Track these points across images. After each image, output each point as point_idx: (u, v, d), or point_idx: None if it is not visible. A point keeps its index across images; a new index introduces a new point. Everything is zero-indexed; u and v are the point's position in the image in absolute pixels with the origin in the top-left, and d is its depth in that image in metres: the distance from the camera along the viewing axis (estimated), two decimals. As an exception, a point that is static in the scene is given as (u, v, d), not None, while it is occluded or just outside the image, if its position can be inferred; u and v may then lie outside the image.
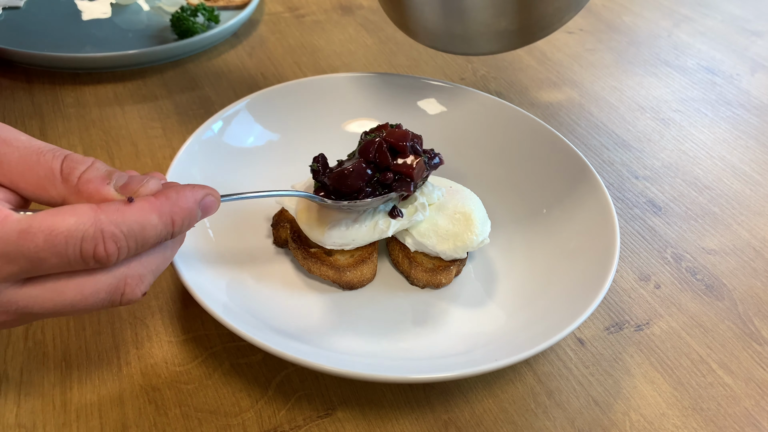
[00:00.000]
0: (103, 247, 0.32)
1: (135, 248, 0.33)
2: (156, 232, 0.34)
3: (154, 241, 0.34)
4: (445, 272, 0.51)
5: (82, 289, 0.33)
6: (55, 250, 0.31)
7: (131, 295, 0.34)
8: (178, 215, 0.35)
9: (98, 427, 0.43)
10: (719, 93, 0.82)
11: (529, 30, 0.59)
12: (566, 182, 0.57)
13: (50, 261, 0.31)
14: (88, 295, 0.33)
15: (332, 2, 0.96)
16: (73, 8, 0.86)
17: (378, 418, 0.45)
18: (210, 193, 0.37)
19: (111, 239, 0.32)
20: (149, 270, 0.35)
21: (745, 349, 0.51)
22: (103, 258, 0.32)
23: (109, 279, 0.33)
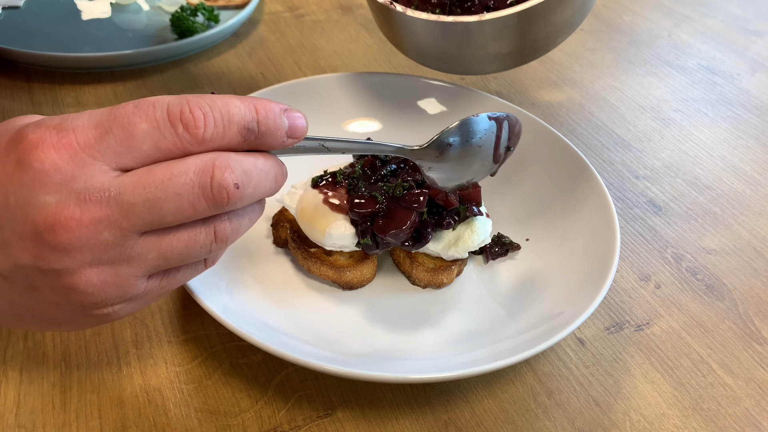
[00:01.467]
0: (189, 110, 0.32)
1: (221, 122, 0.33)
2: (240, 111, 0.33)
3: (239, 121, 0.33)
4: (446, 272, 0.51)
5: (170, 168, 0.32)
6: (144, 113, 0.31)
7: (221, 178, 0.32)
8: (261, 106, 0.34)
9: (98, 427, 0.43)
10: (719, 93, 0.82)
11: (522, 53, 0.59)
12: (566, 182, 0.57)
13: (140, 126, 0.31)
14: (176, 173, 0.32)
15: (332, 2, 0.96)
16: (73, 8, 0.86)
17: (378, 418, 0.44)
18: (295, 110, 0.37)
19: (196, 105, 0.32)
20: (239, 164, 0.34)
21: (745, 349, 0.51)
22: (190, 121, 0.32)
23: (198, 160, 0.33)
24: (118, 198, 0.31)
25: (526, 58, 0.61)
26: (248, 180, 0.34)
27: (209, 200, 0.33)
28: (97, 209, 0.31)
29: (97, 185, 0.31)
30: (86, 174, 0.31)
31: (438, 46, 0.59)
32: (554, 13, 0.54)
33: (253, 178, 0.34)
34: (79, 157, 0.31)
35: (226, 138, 0.33)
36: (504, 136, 0.46)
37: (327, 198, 0.51)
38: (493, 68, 0.62)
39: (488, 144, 0.45)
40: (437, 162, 0.44)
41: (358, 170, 0.53)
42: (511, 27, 0.55)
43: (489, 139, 0.45)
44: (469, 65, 0.61)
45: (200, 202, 0.32)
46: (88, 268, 0.32)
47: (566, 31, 0.59)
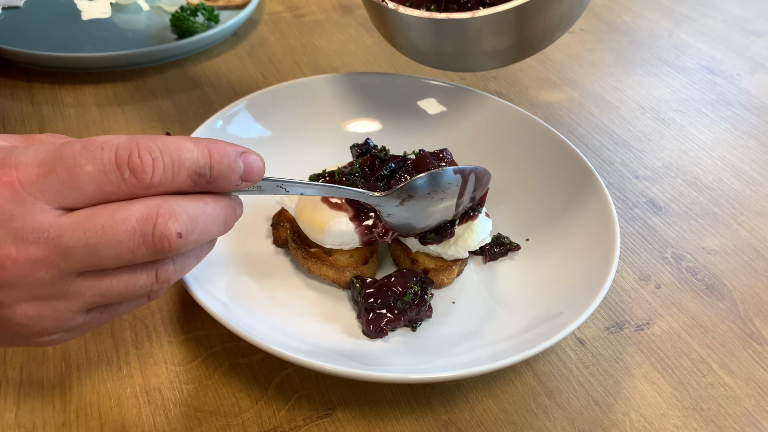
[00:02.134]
0: (137, 154, 0.31)
1: (170, 167, 0.32)
2: (192, 156, 0.33)
3: (190, 166, 0.33)
4: (446, 272, 0.51)
5: (113, 214, 0.31)
6: (91, 155, 0.31)
7: (164, 227, 0.32)
8: (215, 150, 0.34)
9: (98, 427, 0.43)
10: (719, 93, 0.82)
11: (520, 48, 0.59)
12: (566, 182, 0.57)
13: (86, 168, 0.31)
14: (118, 220, 0.31)
15: (332, 2, 0.96)
16: (73, 8, 0.86)
17: (378, 418, 0.44)
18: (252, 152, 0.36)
19: (146, 149, 0.31)
20: (185, 210, 0.33)
21: (745, 349, 0.51)
22: (138, 166, 0.31)
23: (141, 207, 0.32)
24: (56, 240, 0.31)
25: (524, 53, 0.60)
26: (193, 227, 0.33)
27: (150, 248, 0.32)
28: (33, 249, 0.31)
29: (36, 225, 0.30)
30: (25, 213, 0.30)
31: (432, 44, 0.58)
32: (551, 7, 0.54)
33: (200, 224, 0.34)
34: (19, 195, 0.30)
35: (175, 183, 0.33)
36: (469, 188, 0.49)
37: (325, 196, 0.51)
38: (490, 65, 0.62)
39: (451, 196, 0.48)
40: (398, 209, 0.47)
41: (356, 168, 0.53)
42: (507, 23, 0.54)
43: (452, 191, 0.47)
44: (466, 62, 0.61)
45: (140, 249, 0.32)
46: (24, 302, 0.32)
47: (563, 25, 0.59)
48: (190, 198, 0.34)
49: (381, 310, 0.48)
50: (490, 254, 0.54)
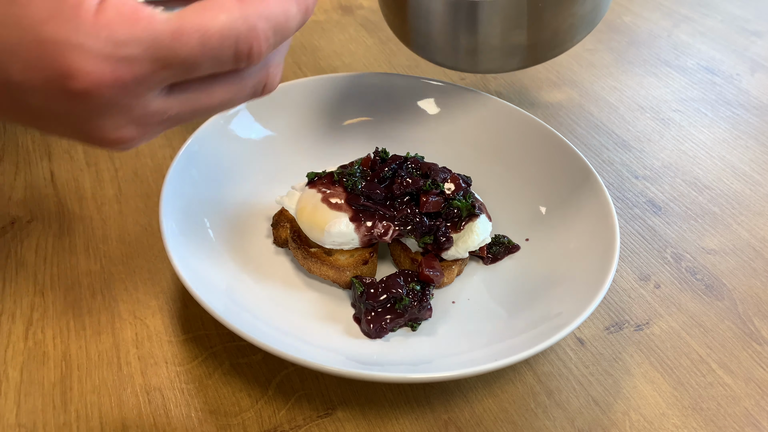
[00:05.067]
0: (258, 45, 0.31)
1: (280, 42, 0.32)
2: (296, 22, 0.33)
3: (294, 32, 0.33)
4: (446, 272, 0.51)
5: (228, 89, 0.32)
6: (211, 52, 0.30)
7: (272, 85, 0.34)
8: (312, 4, 0.34)
9: (98, 427, 0.43)
10: (719, 93, 0.82)
11: (540, 47, 0.58)
12: (566, 182, 0.57)
13: (204, 65, 0.30)
14: (235, 92, 0.32)
15: (332, 2, 0.96)
16: (73, 8, 0.86)
17: (378, 418, 0.45)
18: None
19: (264, 36, 0.31)
20: (282, 55, 0.35)
21: (745, 349, 0.51)
22: (256, 57, 0.31)
23: (255, 75, 0.33)
24: (176, 117, 0.32)
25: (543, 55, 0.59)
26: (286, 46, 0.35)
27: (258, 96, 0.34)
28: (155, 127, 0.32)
29: (153, 109, 0.31)
30: (142, 103, 0.30)
31: (447, 32, 0.57)
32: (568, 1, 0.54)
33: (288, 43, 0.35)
34: (134, 90, 0.29)
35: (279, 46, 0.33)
36: None
37: (325, 197, 0.51)
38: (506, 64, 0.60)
39: None
40: None
41: (356, 169, 0.53)
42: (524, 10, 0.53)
43: None
44: (482, 59, 0.59)
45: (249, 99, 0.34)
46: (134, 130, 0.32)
47: (586, 25, 0.58)
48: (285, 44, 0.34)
49: (381, 309, 0.48)
50: (490, 254, 0.54)
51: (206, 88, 0.32)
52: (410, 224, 0.50)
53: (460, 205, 0.51)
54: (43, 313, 0.49)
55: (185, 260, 0.45)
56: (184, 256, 0.46)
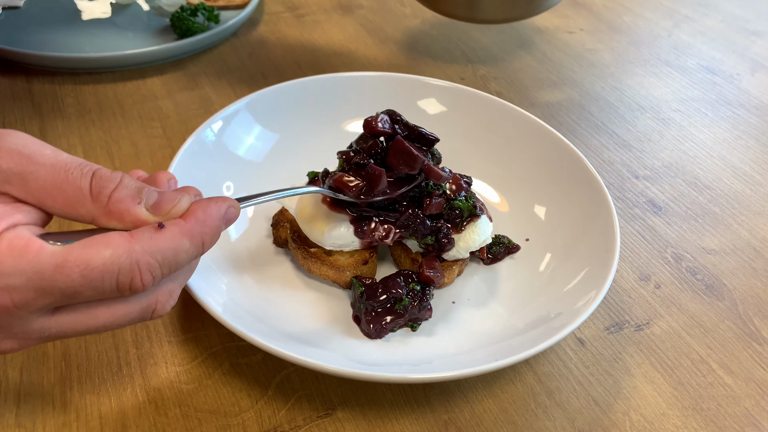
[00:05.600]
0: (139, 279, 0.32)
1: (168, 273, 0.34)
2: (188, 256, 0.34)
3: (185, 264, 0.35)
4: (447, 272, 0.51)
5: (114, 312, 0.33)
6: (91, 284, 0.31)
7: (162, 311, 0.35)
8: (207, 236, 0.35)
9: (98, 427, 0.43)
10: (719, 93, 0.82)
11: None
12: (566, 182, 0.57)
13: (85, 294, 0.31)
14: (120, 316, 0.34)
15: (332, 2, 0.96)
16: (73, 8, 0.86)
17: (378, 418, 0.44)
18: (231, 205, 0.37)
19: (147, 270, 0.32)
20: (177, 284, 0.36)
21: (745, 349, 0.51)
22: (139, 288, 0.32)
23: (142, 300, 0.34)
24: (58, 335, 0.33)
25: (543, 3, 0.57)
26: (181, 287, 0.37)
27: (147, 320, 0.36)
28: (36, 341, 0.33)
29: (35, 327, 0.32)
30: (23, 323, 0.32)
31: None
32: None
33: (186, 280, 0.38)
34: (15, 314, 0.31)
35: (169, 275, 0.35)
36: None
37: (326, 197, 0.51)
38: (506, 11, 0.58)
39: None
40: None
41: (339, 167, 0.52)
42: None
43: None
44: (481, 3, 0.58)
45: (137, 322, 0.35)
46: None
47: None
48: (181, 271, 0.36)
49: (381, 310, 0.48)
50: (491, 254, 0.54)
51: (90, 311, 0.33)
52: (412, 227, 0.50)
53: (461, 206, 0.51)
54: (43, 313, 0.49)
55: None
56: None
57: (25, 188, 0.32)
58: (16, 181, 0.32)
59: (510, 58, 0.86)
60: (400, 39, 0.88)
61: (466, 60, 0.85)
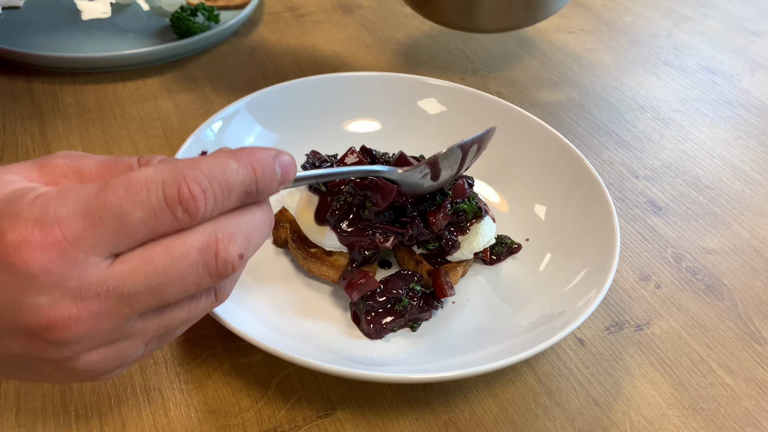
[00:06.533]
0: (187, 189, 0.29)
1: (221, 194, 0.31)
2: (239, 177, 0.31)
3: (239, 188, 0.31)
4: (451, 273, 0.51)
5: (170, 250, 0.30)
6: (137, 198, 0.29)
7: (225, 253, 0.31)
8: (258, 163, 0.32)
9: (98, 427, 0.43)
10: (719, 93, 0.82)
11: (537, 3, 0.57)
12: (566, 182, 0.57)
13: (135, 214, 0.29)
14: (178, 256, 0.30)
15: (332, 2, 0.96)
16: (73, 8, 0.86)
17: (378, 418, 0.44)
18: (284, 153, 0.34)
19: (194, 181, 0.30)
20: (240, 229, 0.32)
21: (745, 349, 0.51)
22: (190, 202, 0.29)
23: (198, 236, 0.30)
24: (117, 290, 0.29)
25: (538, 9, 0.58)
26: (249, 243, 0.32)
27: (215, 276, 0.31)
28: (95, 304, 0.29)
29: (92, 280, 0.29)
30: (78, 271, 0.29)
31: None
32: None
33: (254, 237, 0.33)
34: (68, 255, 0.28)
35: (226, 207, 0.31)
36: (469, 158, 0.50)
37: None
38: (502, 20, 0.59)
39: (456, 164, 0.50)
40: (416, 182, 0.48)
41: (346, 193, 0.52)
42: None
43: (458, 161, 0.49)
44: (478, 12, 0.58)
45: (205, 279, 0.31)
46: (88, 353, 0.31)
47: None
48: (239, 213, 0.32)
49: (381, 310, 0.48)
50: (494, 255, 0.54)
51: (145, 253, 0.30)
52: (417, 240, 0.50)
53: (466, 209, 0.50)
54: (42, 313, 0.49)
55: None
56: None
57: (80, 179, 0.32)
58: (72, 174, 0.32)
59: (510, 58, 0.86)
60: (400, 39, 0.88)
61: (466, 60, 0.85)
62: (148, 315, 0.32)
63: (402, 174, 0.47)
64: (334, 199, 0.50)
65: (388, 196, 0.48)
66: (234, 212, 0.32)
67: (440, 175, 0.48)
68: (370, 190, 0.48)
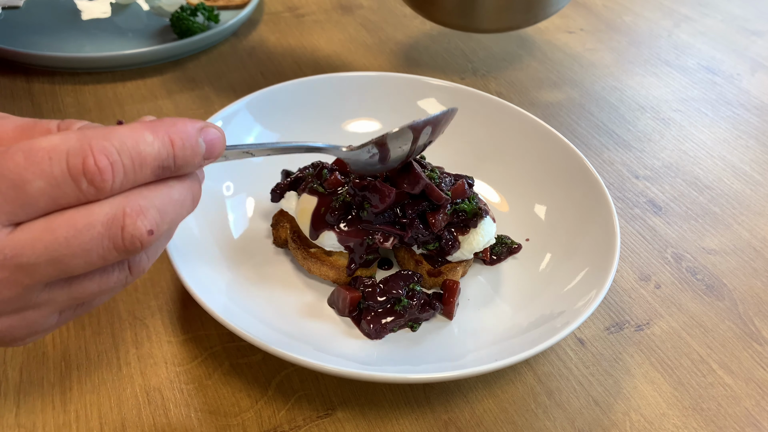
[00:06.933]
0: (93, 160, 0.27)
1: (131, 168, 0.29)
2: (153, 150, 0.29)
3: (153, 162, 0.29)
4: (451, 273, 0.51)
5: (74, 222, 0.28)
6: (38, 168, 0.27)
7: (132, 228, 0.29)
8: (177, 136, 0.30)
9: (98, 427, 0.43)
10: (719, 93, 0.82)
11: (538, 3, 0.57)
12: (566, 182, 0.57)
13: (35, 183, 0.27)
14: (81, 228, 0.28)
15: (332, 2, 0.96)
16: (73, 8, 0.86)
17: (378, 418, 0.44)
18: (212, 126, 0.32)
19: (101, 152, 0.27)
20: (152, 204, 0.30)
21: (745, 349, 0.51)
22: (96, 174, 0.27)
23: (105, 209, 0.28)
24: (15, 260, 0.28)
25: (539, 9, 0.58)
26: (163, 218, 0.30)
27: (121, 251, 0.29)
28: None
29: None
30: None
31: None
32: None
33: (169, 213, 0.31)
34: None
35: (138, 181, 0.29)
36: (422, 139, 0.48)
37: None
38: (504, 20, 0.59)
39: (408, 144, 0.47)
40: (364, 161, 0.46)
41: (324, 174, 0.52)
42: None
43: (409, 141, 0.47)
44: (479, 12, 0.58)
45: (111, 254, 0.29)
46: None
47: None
48: (154, 188, 0.30)
49: (381, 310, 0.48)
50: (494, 255, 0.54)
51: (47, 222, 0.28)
52: (417, 241, 0.50)
53: (466, 209, 0.50)
54: (42, 313, 0.49)
55: (185, 260, 0.45)
56: (184, 256, 0.46)
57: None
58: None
59: (510, 58, 0.86)
60: (400, 39, 0.88)
61: (466, 60, 0.85)
62: (54, 286, 0.30)
63: (347, 153, 0.45)
64: (333, 200, 0.50)
65: (385, 199, 0.48)
66: (149, 186, 0.30)
67: (389, 156, 0.46)
68: (368, 191, 0.48)
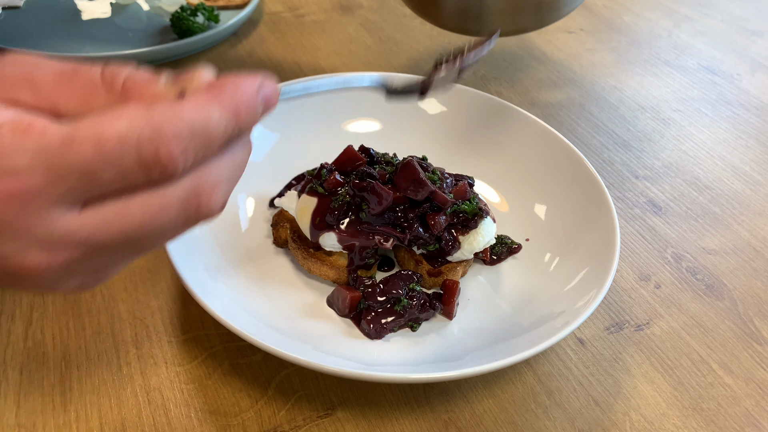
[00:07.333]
0: (165, 149, 0.26)
1: (202, 150, 0.28)
2: (221, 127, 0.28)
3: (221, 139, 0.29)
4: (451, 273, 0.51)
5: (149, 205, 0.27)
6: (108, 159, 0.26)
7: (208, 206, 0.29)
8: (243, 105, 0.29)
9: (98, 427, 0.43)
10: (719, 93, 0.82)
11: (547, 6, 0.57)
12: (566, 182, 0.57)
13: (105, 175, 0.26)
14: (158, 212, 0.28)
15: (332, 2, 0.96)
16: (73, 8, 0.86)
17: (378, 418, 0.44)
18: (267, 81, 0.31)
19: (174, 140, 0.26)
20: (223, 177, 0.29)
21: (745, 349, 0.51)
22: (168, 162, 0.27)
23: (179, 191, 0.28)
24: (89, 241, 0.27)
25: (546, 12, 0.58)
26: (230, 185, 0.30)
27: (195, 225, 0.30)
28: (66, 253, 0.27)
29: (60, 230, 0.27)
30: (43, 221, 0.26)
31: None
32: None
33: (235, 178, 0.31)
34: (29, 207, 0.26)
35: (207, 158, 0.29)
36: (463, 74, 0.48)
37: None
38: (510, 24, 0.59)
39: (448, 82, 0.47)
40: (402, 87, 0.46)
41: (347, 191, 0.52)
42: None
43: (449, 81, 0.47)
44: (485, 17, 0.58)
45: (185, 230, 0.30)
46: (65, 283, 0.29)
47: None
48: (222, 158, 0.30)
49: (381, 310, 0.48)
50: (494, 255, 0.54)
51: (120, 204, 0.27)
52: (417, 242, 0.50)
53: (466, 210, 0.50)
54: (42, 313, 0.49)
55: (185, 260, 0.45)
56: (184, 256, 0.46)
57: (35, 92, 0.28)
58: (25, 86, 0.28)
59: (510, 58, 0.86)
60: (400, 39, 0.88)
61: (466, 60, 0.85)
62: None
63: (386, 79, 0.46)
64: (333, 201, 0.50)
65: (382, 201, 0.48)
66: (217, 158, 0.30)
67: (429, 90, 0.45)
68: (366, 193, 0.48)
